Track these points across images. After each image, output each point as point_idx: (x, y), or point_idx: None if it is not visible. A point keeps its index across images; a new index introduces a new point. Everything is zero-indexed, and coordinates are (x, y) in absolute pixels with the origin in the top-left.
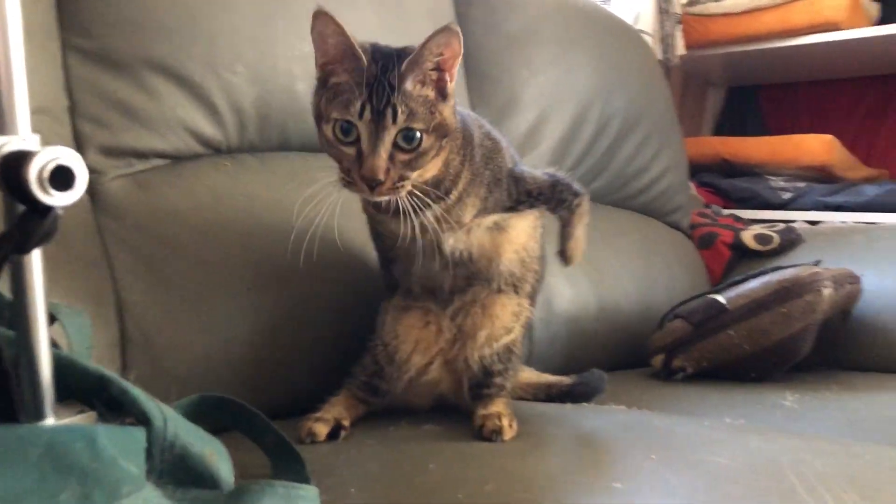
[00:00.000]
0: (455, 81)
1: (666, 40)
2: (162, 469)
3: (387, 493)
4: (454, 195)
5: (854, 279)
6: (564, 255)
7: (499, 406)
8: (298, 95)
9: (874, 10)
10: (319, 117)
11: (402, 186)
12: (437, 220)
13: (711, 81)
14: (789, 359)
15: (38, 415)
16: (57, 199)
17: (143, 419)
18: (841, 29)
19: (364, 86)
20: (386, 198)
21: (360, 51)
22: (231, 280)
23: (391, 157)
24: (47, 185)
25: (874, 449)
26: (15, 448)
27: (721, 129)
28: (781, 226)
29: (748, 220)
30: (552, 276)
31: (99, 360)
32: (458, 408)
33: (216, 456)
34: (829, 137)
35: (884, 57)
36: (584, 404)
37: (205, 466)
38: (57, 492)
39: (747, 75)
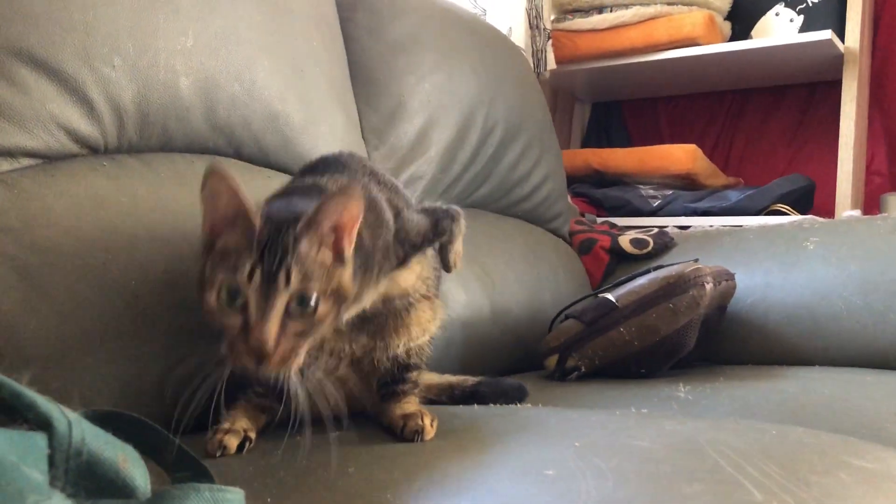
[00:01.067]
0: (353, 246)
1: (537, 55)
2: (67, 479)
3: (308, 499)
4: (353, 295)
5: (729, 276)
6: (448, 268)
7: (414, 405)
8: (181, 93)
9: (727, 27)
10: (202, 284)
11: (295, 358)
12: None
13: (578, 96)
14: (676, 353)
15: None
16: None
17: (42, 423)
18: (699, 44)
19: (255, 248)
20: (275, 373)
21: (252, 213)
22: (116, 288)
23: (283, 326)
24: None
25: (776, 427)
26: None
27: (588, 143)
28: (655, 230)
29: (623, 226)
30: (447, 282)
31: None
32: (363, 413)
33: (129, 462)
34: (692, 147)
35: (736, 72)
36: (491, 405)
37: (116, 473)
38: None
39: (612, 90)
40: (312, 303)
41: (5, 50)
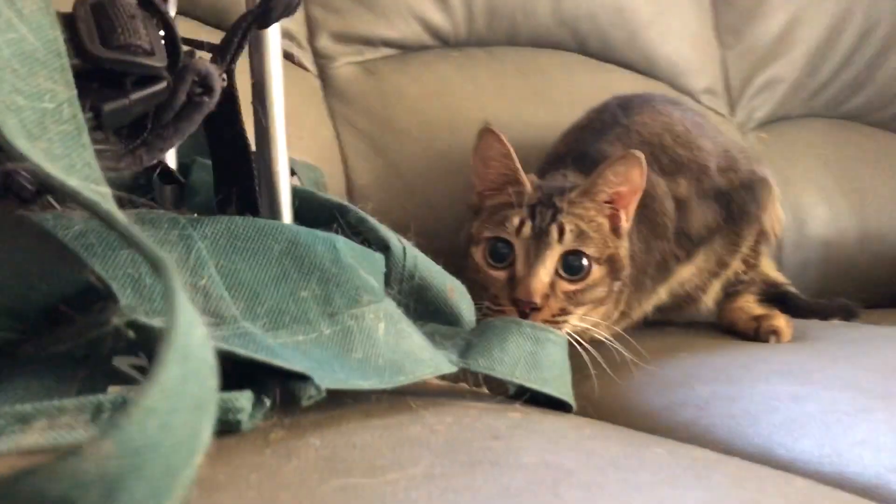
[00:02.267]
0: (631, 220)
1: None
2: (400, 300)
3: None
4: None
5: None
6: (768, 241)
7: (760, 307)
8: None
9: None
10: (469, 241)
11: (565, 322)
12: None
13: None
14: None
15: None
16: None
17: (381, 245)
18: None
19: (525, 205)
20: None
21: (524, 176)
22: (457, 170)
23: (552, 284)
24: None
25: None
26: (256, 239)
27: None
28: None
29: None
30: (807, 196)
31: None
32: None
33: (457, 293)
34: None
35: None
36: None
37: (444, 301)
38: (297, 288)
39: None
40: (585, 263)
41: None
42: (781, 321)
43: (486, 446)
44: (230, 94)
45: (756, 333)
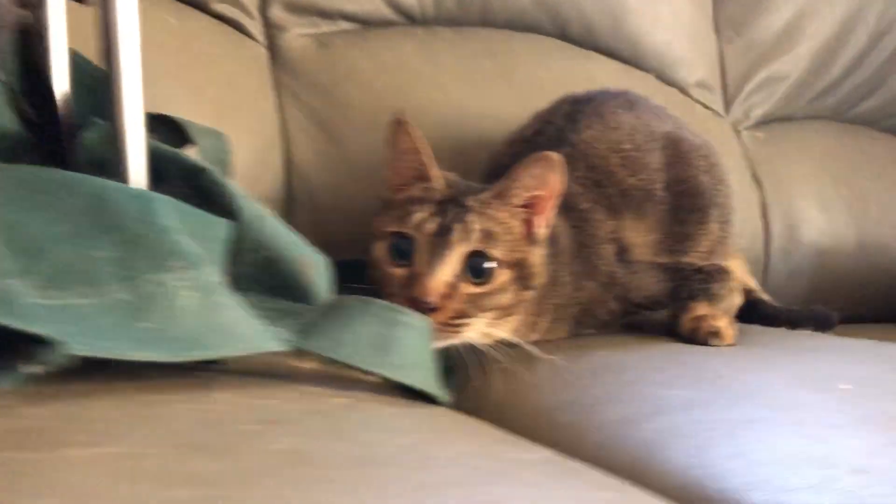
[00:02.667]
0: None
1: None
2: (250, 272)
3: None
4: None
5: None
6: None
7: (706, 307)
8: None
9: None
10: (374, 237)
11: (464, 325)
12: None
13: None
14: None
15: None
16: None
17: (232, 213)
18: None
19: (433, 201)
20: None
21: (435, 171)
22: None
23: (453, 286)
24: None
25: None
26: (53, 191)
27: None
28: None
29: None
30: (801, 200)
31: None
32: None
33: (313, 268)
34: None
35: None
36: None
37: (296, 277)
38: (90, 247)
39: None
40: (489, 265)
41: None
42: (723, 322)
43: (246, 430)
44: (36, 32)
45: (695, 335)
